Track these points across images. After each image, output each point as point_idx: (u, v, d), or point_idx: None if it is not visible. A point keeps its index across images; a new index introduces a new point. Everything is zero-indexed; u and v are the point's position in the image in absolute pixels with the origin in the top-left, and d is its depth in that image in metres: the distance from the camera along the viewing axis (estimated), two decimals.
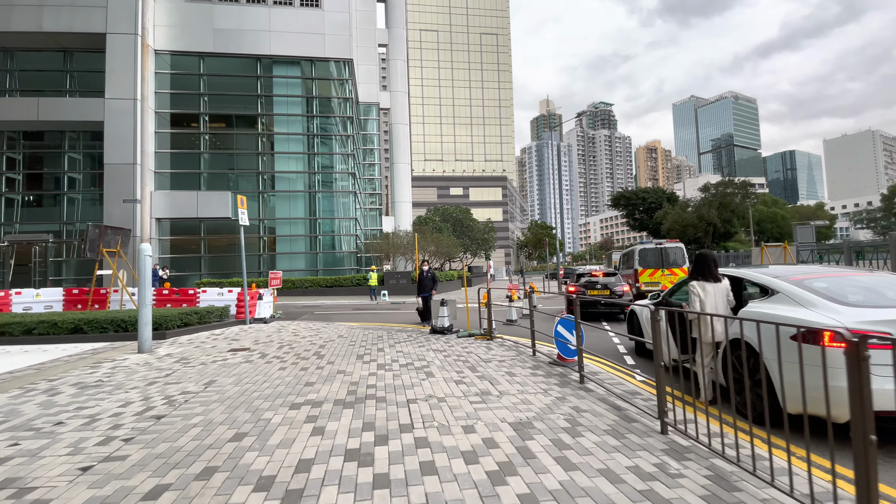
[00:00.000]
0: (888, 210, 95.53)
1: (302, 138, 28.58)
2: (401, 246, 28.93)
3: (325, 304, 20.98)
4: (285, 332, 10.56)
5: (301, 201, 28.34)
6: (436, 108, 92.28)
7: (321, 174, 28.81)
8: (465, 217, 42.28)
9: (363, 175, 37.36)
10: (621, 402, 4.66)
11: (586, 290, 13.84)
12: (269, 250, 27.90)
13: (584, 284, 14.09)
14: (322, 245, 28.31)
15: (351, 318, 14.68)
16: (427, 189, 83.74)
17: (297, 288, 25.21)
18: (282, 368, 6.64)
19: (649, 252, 17.06)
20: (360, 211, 35.67)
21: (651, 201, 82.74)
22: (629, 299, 13.72)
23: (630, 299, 13.82)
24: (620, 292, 13.59)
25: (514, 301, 13.23)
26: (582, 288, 14.00)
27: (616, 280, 14.36)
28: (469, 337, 9.44)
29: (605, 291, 13.75)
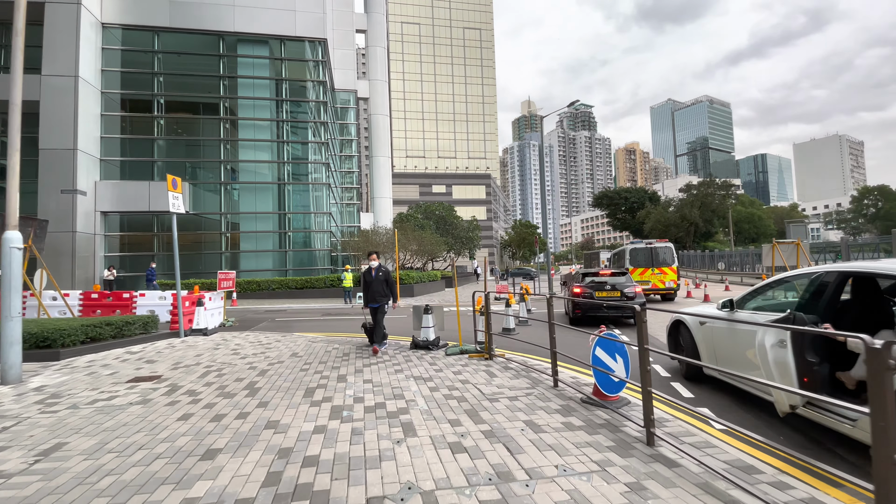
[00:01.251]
0: (857, 211, 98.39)
1: (270, 125, 25.96)
2: (380, 244, 26.63)
3: (293, 308, 18.57)
4: (224, 350, 8.23)
5: (269, 194, 25.73)
6: (418, 102, 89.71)
7: (292, 164, 26.25)
8: (449, 214, 40.15)
9: (340, 168, 34.81)
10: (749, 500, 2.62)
11: (593, 291, 11.85)
12: (232, 248, 25.18)
13: (590, 285, 12.20)
14: (292, 242, 25.75)
15: (317, 327, 12.39)
16: (409, 186, 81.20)
17: (262, 290, 22.65)
18: (185, 417, 4.39)
19: (640, 251, 17.22)
20: (336, 206, 33.15)
21: (633, 201, 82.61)
22: (641, 302, 11.91)
23: (643, 302, 12.01)
24: (632, 294, 11.68)
25: (511, 305, 11.23)
26: (588, 289, 12.06)
27: (626, 280, 12.54)
28: (461, 354, 7.35)
29: (614, 293, 11.81)
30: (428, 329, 8.06)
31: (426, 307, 8.20)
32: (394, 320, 13.45)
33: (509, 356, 7.07)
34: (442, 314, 8.29)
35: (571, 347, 7.63)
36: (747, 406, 4.63)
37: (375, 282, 7.84)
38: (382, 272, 7.93)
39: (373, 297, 7.80)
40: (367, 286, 7.90)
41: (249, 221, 25.30)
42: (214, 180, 25.53)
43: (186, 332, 9.98)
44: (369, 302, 7.85)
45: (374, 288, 7.82)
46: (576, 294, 12.44)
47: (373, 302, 7.82)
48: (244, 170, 25.49)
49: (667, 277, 16.98)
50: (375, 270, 7.90)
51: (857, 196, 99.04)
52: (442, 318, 8.27)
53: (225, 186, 25.45)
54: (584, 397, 4.67)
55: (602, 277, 12.40)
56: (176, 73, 25.61)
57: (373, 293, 7.81)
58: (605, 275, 12.68)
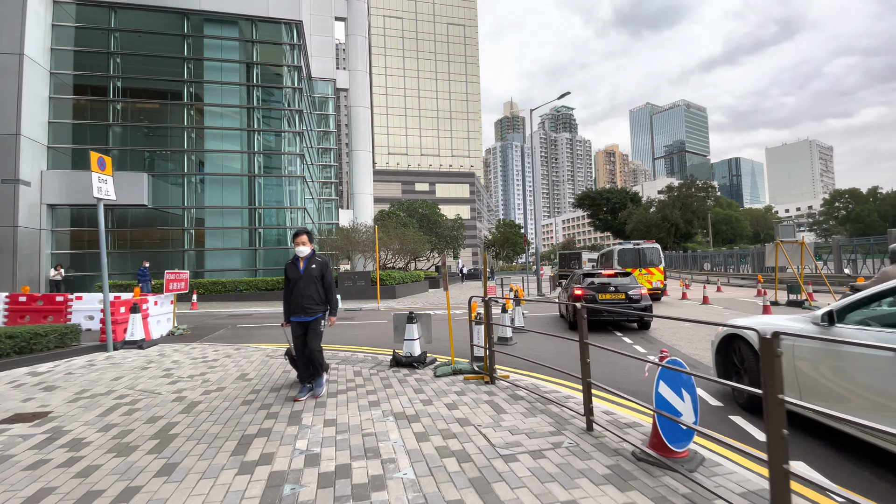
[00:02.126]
0: (829, 214, 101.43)
1: (239, 112, 23.98)
2: (360, 242, 24.96)
3: (260, 312, 16.78)
4: (153, 371, 6.56)
5: (238, 187, 23.74)
6: (400, 98, 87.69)
7: (263, 156, 24.31)
8: (433, 213, 38.61)
9: (317, 161, 32.89)
10: None
11: (596, 293, 10.67)
12: (196, 245, 23.11)
13: (593, 287, 10.85)
14: (264, 240, 23.83)
15: (282, 336, 10.72)
16: (390, 184, 79.16)
17: (229, 291, 20.71)
18: (32, 501, 2.80)
19: (628, 252, 17.60)
20: (312, 202, 31.26)
21: (615, 201, 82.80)
22: (647, 305, 10.56)
23: (648, 305, 10.63)
24: (638, 296, 10.59)
25: (507, 311, 9.87)
26: (591, 291, 10.72)
27: (631, 281, 11.26)
28: (454, 375, 5.90)
29: (619, 295, 10.68)
30: (412, 342, 6.59)
31: (410, 315, 6.72)
32: (372, 326, 11.88)
33: (514, 378, 5.65)
34: (430, 324, 6.82)
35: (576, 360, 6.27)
36: (854, 457, 3.33)
37: (305, 280, 4.79)
38: (317, 266, 4.91)
39: (300, 305, 4.77)
40: (291, 287, 4.89)
41: (216, 217, 23.28)
42: (177, 172, 23.40)
43: (118, 345, 8.23)
44: (295, 314, 4.84)
45: (301, 290, 4.77)
46: (577, 297, 11.18)
47: (300, 313, 4.79)
48: (211, 161, 23.45)
49: (654, 278, 17.21)
50: (305, 262, 4.89)
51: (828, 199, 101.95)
52: (430, 328, 6.80)
53: (189, 178, 23.35)
54: (638, 451, 3.27)
55: (605, 278, 11.23)
56: (135, 54, 23.39)
57: (299, 299, 4.77)
58: (608, 276, 11.41)
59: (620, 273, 11.79)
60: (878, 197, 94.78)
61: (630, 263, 17.42)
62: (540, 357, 7.12)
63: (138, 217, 22.84)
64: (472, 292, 24.22)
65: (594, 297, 10.57)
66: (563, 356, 7.37)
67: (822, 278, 15.63)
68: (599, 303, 10.46)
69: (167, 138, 23.85)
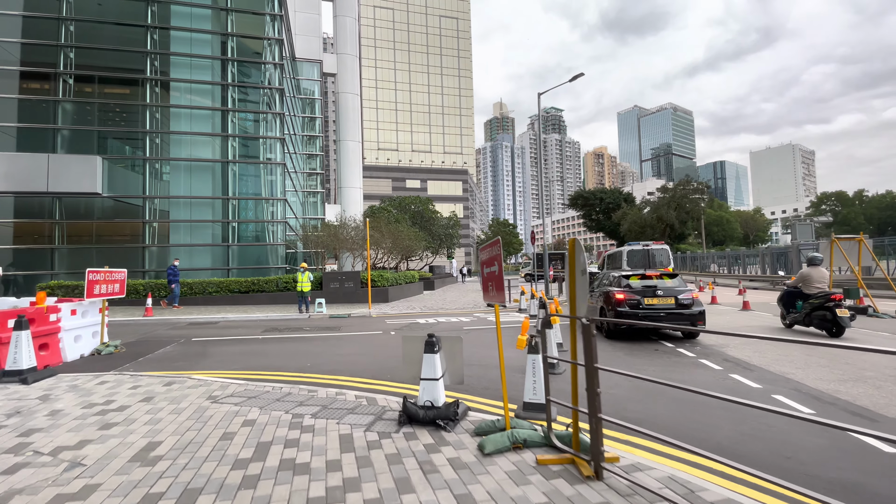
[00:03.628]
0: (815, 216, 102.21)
1: (212, 90, 21.14)
2: (348, 239, 22.35)
3: (229, 319, 14.10)
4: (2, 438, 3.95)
5: (209, 175, 20.91)
6: (391, 92, 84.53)
7: (238, 139, 21.51)
8: (427, 209, 36.04)
9: (301, 150, 30.08)
10: None
11: (641, 298, 8.79)
12: (159, 241, 20.21)
13: (636, 291, 8.92)
14: (238, 235, 21.05)
15: (246, 356, 8.16)
16: (381, 180, 76.08)
17: (196, 294, 17.93)
18: None
19: (637, 253, 17.07)
20: (296, 195, 28.48)
21: (609, 202, 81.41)
22: (700, 311, 8.61)
23: (701, 311, 8.63)
24: (689, 300, 8.71)
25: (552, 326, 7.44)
26: (634, 296, 8.83)
27: (679, 283, 9.27)
28: (516, 451, 3.43)
29: (667, 300, 8.75)
30: (434, 384, 4.13)
31: (431, 341, 4.24)
32: (364, 341, 9.36)
33: (629, 458, 3.21)
34: (460, 354, 4.34)
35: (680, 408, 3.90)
36: None
37: None
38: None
39: None
40: None
41: (182, 208, 20.41)
42: (138, 156, 20.46)
43: None
44: None
45: None
46: (619, 301, 8.85)
47: None
48: (177, 144, 20.58)
49: None
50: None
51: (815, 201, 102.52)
52: (460, 360, 4.33)
53: (152, 164, 20.45)
54: None
55: (650, 280, 9.25)
56: (91, 21, 20.39)
57: None
58: (652, 276, 9.41)
59: (665, 273, 9.54)
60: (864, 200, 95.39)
61: (639, 265, 16.82)
62: (618, 401, 4.75)
63: (91, 208, 19.84)
64: (475, 295, 21.83)
65: (638, 302, 8.73)
66: (650, 399, 4.98)
67: (889, 282, 13.49)
68: (645, 309, 8.67)
69: (127, 118, 20.90)
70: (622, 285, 9.25)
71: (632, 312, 8.59)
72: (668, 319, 8.60)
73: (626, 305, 8.72)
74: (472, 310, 15.96)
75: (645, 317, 8.61)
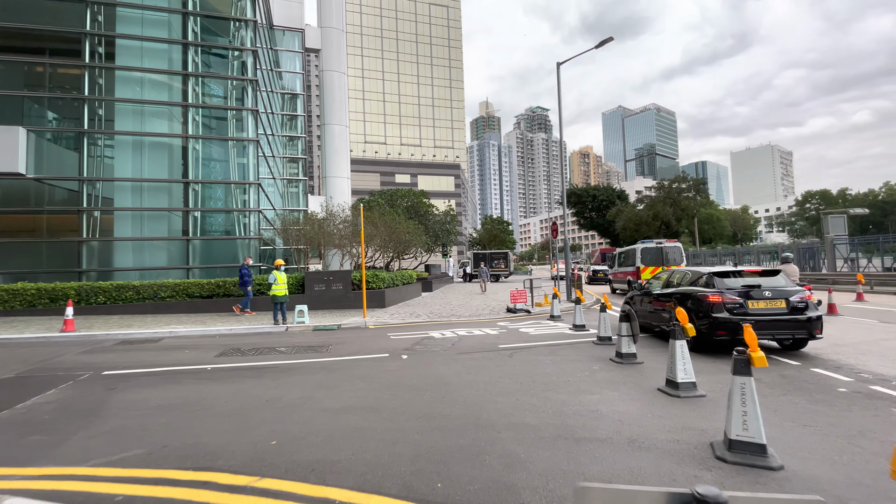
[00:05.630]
0: (800, 215, 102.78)
1: (168, 49, 17.39)
2: (336, 234, 18.89)
3: (178, 334, 10.58)
4: None
5: (164, 154, 17.18)
6: (378, 82, 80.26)
7: (202, 111, 17.81)
8: (421, 203, 32.64)
9: (280, 132, 26.33)
10: None
11: (744, 300, 6.93)
12: (101, 234, 16.41)
13: (738, 292, 7.01)
14: (200, 227, 17.36)
15: (165, 418, 4.73)
16: (368, 174, 71.99)
17: (145, 299, 14.26)
18: None
19: (650, 251, 17.49)
20: (276, 183, 24.80)
21: (602, 199, 79.58)
22: (817, 316, 6.76)
23: (818, 316, 6.77)
24: (803, 303, 6.86)
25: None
26: (736, 298, 6.93)
27: (787, 282, 7.28)
28: None
29: (777, 303, 6.86)
30: None
31: None
32: (361, 383, 5.98)
33: None
34: None
35: None
36: None
37: None
38: None
39: None
40: None
41: (131, 194, 16.65)
42: (73, 128, 16.61)
43: None
44: None
45: None
46: (714, 304, 6.98)
47: None
48: (125, 116, 16.79)
49: None
50: None
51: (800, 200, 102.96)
52: None
53: (92, 140, 16.64)
54: None
55: (752, 277, 7.34)
56: None
57: None
58: (753, 273, 7.43)
59: (767, 271, 7.46)
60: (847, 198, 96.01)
61: (653, 262, 17.09)
62: None
63: (11, 192, 15.93)
64: (483, 298, 18.64)
65: (741, 305, 6.88)
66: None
67: None
68: (752, 315, 6.77)
69: (60, 81, 17.00)
70: (716, 286, 7.20)
71: (735, 320, 6.71)
72: (780, 328, 6.70)
73: (726, 311, 6.84)
74: (491, 317, 12.82)
75: (754, 325, 6.10)
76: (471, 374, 6.05)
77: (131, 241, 16.39)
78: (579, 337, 9.16)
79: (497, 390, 5.19)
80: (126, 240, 16.33)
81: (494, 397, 4.90)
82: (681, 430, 3.88)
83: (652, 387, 5.26)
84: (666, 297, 8.59)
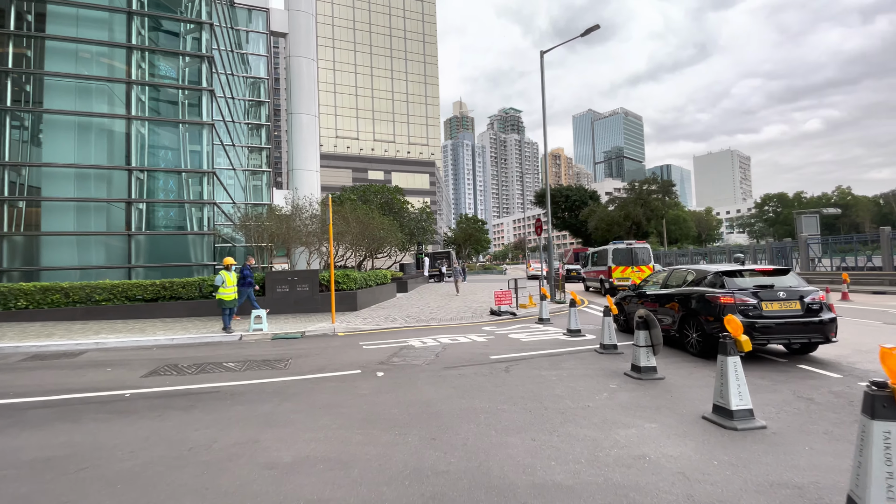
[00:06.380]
0: (759, 217, 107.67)
1: (109, 18, 15.33)
2: (301, 230, 17.25)
3: (106, 346, 8.90)
4: None
5: (102, 137, 15.13)
6: (350, 76, 77.69)
7: (148, 90, 15.83)
8: (395, 198, 31.13)
9: (241, 119, 24.30)
10: None
11: (759, 301, 6.28)
12: (26, 228, 14.23)
13: (751, 293, 6.35)
14: (146, 221, 15.41)
15: (23, 495, 3.28)
16: (339, 170, 69.52)
17: (75, 303, 12.31)
18: None
19: (621, 251, 18.21)
20: (238, 175, 22.81)
21: (575, 199, 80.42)
22: (831, 318, 6.20)
23: (833, 318, 6.23)
24: (817, 304, 6.30)
25: None
26: (749, 299, 6.27)
27: (798, 279, 6.72)
28: None
29: (791, 304, 6.25)
30: None
31: None
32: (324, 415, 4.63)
33: None
34: None
35: None
36: None
37: None
38: None
39: None
40: None
41: (62, 182, 14.53)
42: None
43: None
44: None
45: None
46: (726, 304, 6.35)
47: None
48: (56, 92, 14.65)
49: (644, 275, 17.58)
50: None
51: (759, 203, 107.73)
52: None
53: (16, 119, 14.42)
54: None
55: (764, 277, 6.74)
56: None
57: None
58: (764, 272, 6.83)
59: (778, 269, 6.87)
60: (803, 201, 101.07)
61: (623, 261, 17.89)
62: None
63: None
64: (460, 300, 17.50)
65: (756, 307, 6.26)
66: None
67: None
68: (767, 318, 6.18)
69: None
70: (727, 286, 6.54)
71: (748, 324, 6.04)
72: (796, 331, 6.10)
73: (739, 313, 6.18)
74: (474, 321, 11.73)
75: (769, 329, 6.06)
76: (465, 399, 4.85)
77: (62, 236, 14.29)
78: (578, 344, 8.15)
79: (503, 424, 4.02)
80: (55, 234, 14.22)
81: (503, 436, 3.73)
82: (769, 487, 2.82)
83: (693, 413, 4.23)
84: (666, 297, 7.91)
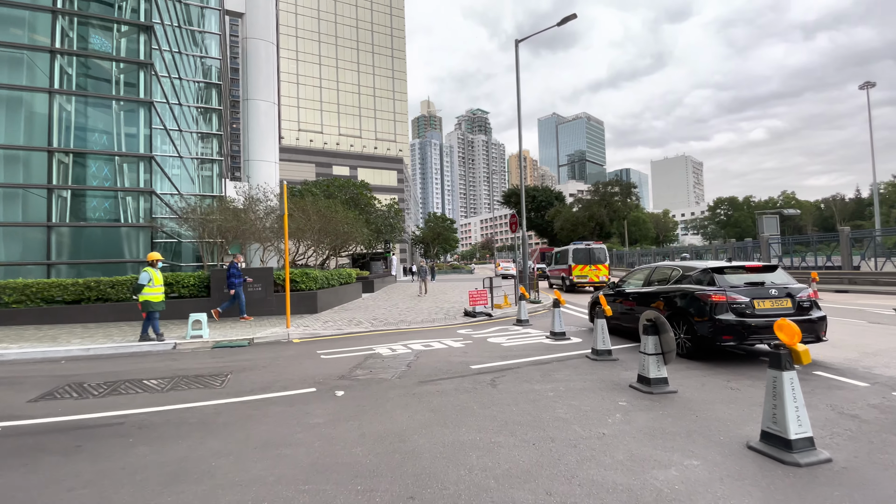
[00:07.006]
0: (712, 219, 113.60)
1: None
2: (255, 226, 15.63)
3: (6, 357, 7.26)
4: None
5: (18, 113, 13.01)
6: (314, 66, 74.49)
7: (77, 60, 13.79)
8: (362, 194, 29.59)
9: (189, 101, 22.12)
10: None
11: (751, 299, 6.03)
12: None
13: (742, 291, 6.12)
14: (71, 211, 13.40)
15: None
16: (302, 164, 66.48)
17: None
18: None
19: (581, 251, 19.57)
20: (185, 163, 20.71)
21: (542, 199, 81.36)
22: (821, 316, 6.12)
23: (823, 316, 6.16)
24: (808, 301, 6.19)
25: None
26: (741, 298, 6.03)
27: (787, 277, 6.56)
28: None
29: (783, 302, 6.08)
30: None
31: None
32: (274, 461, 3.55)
33: None
34: None
35: None
36: None
37: None
38: None
39: None
40: None
41: None
42: None
43: None
44: None
45: None
46: (717, 304, 6.09)
47: None
48: None
49: (601, 273, 19.23)
50: None
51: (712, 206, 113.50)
52: None
53: None
54: None
55: (755, 274, 6.53)
56: None
57: None
58: (753, 269, 6.62)
59: (767, 266, 6.64)
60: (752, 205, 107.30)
61: (582, 260, 19.24)
62: None
63: None
64: (431, 300, 16.51)
65: (748, 306, 6.04)
66: None
67: None
68: (759, 317, 5.97)
69: None
70: (718, 283, 6.31)
71: (740, 323, 5.90)
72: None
73: (731, 312, 6.01)
74: (447, 323, 10.79)
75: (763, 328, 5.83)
76: (448, 428, 3.85)
77: None
78: (565, 349, 7.35)
79: (503, 468, 3.05)
80: None
81: (506, 488, 2.76)
82: None
83: (734, 442, 3.43)
84: (650, 296, 7.47)
